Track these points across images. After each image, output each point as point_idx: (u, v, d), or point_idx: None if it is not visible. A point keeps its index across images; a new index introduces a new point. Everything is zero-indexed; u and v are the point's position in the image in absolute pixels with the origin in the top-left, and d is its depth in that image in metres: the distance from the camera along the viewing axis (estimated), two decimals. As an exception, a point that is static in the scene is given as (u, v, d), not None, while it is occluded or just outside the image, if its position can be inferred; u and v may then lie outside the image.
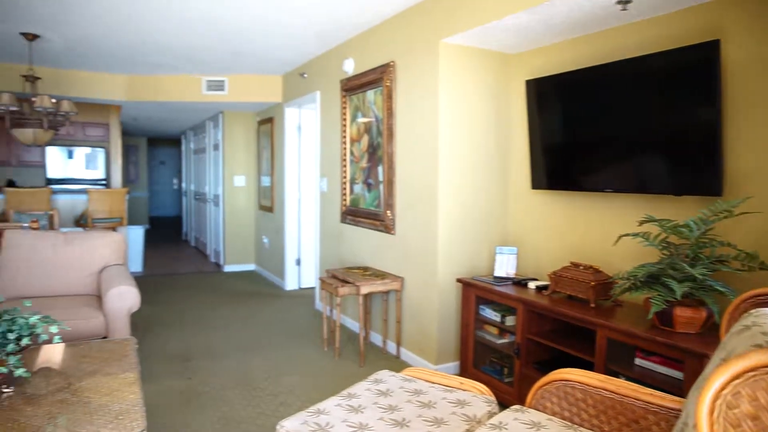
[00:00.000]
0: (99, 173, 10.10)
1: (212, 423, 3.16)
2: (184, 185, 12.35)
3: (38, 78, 5.34)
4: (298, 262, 6.93)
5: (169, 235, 12.66)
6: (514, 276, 3.69)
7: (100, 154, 10.11)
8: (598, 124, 3.19)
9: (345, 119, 5.13)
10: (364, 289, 4.04)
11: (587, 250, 3.48)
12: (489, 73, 3.98)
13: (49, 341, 2.11)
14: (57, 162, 9.79)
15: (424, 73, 3.97)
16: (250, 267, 8.37)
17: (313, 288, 6.74)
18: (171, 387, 3.66)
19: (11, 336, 1.95)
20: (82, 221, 6.95)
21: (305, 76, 6.14)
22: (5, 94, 4.82)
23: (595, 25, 3.27)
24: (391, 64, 4.32)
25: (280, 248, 7.10)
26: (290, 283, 6.93)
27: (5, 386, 2.07)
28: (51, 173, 9.75)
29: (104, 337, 3.47)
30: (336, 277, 4.37)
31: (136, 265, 7.90)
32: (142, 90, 7.14)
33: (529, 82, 3.67)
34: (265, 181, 7.69)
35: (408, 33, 4.15)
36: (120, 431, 1.82)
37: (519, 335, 3.26)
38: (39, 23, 4.81)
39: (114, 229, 6.96)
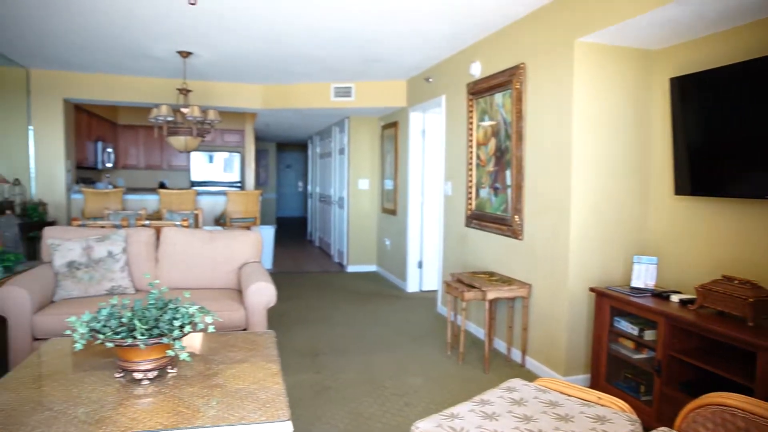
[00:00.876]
0: (235, 176, 10.90)
1: (341, 417, 3.28)
2: (309, 188, 12.95)
3: (190, 90, 5.88)
4: (420, 265, 6.99)
5: (294, 235, 13.33)
6: (653, 287, 3.45)
7: (236, 158, 10.90)
8: (753, 124, 2.89)
9: (471, 123, 5.10)
10: (491, 295, 3.99)
11: (741, 263, 3.16)
12: (628, 72, 3.76)
13: (205, 330, 2.31)
14: (199, 166, 10.71)
15: (557, 74, 3.84)
16: (372, 268, 8.58)
17: (434, 291, 6.77)
18: (302, 380, 3.85)
19: (176, 323, 2.16)
20: (221, 220, 7.53)
21: (430, 80, 6.19)
22: (164, 106, 5.36)
23: (752, 14, 2.97)
24: (521, 65, 4.23)
25: (402, 250, 7.20)
26: (411, 285, 7.01)
27: (170, 367, 2.29)
28: (194, 176, 10.69)
29: (244, 329, 3.73)
30: (461, 282, 4.35)
31: (267, 262, 8.41)
32: (276, 98, 7.60)
33: (674, 80, 3.42)
34: (388, 184, 7.85)
35: (540, 33, 4.04)
36: (267, 418, 1.94)
37: (660, 351, 3.04)
38: (193, 42, 5.29)
39: (248, 228, 7.46)
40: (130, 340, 2.06)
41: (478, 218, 4.98)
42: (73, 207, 7.25)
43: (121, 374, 2.24)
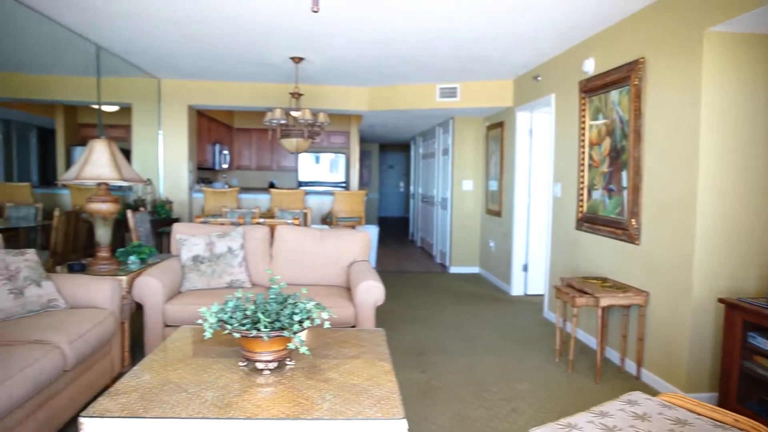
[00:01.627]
0: (340, 176, 11.22)
1: (447, 418, 3.27)
2: (411, 188, 13.05)
3: (302, 94, 6.14)
4: (525, 268, 6.82)
5: (396, 234, 13.49)
6: (794, 300, 3.13)
7: (341, 159, 11.22)
8: None
9: (583, 122, 4.90)
10: (604, 302, 3.81)
11: None
12: (765, 62, 3.44)
13: (321, 325, 2.40)
14: (307, 166, 11.14)
15: (682, 67, 3.59)
16: (475, 270, 8.49)
17: (541, 295, 6.58)
18: (408, 379, 3.89)
19: (296, 318, 2.26)
20: (328, 219, 7.79)
21: (539, 79, 6.02)
22: (278, 110, 5.64)
23: None
24: (641, 60, 4.00)
25: (507, 253, 7.06)
26: (516, 289, 6.86)
27: (288, 359, 2.41)
28: (302, 176, 11.13)
29: (353, 326, 3.83)
30: (572, 287, 4.20)
31: (371, 261, 8.58)
32: (381, 100, 7.73)
33: (823, 72, 3.08)
34: (493, 185, 7.73)
35: (662, 25, 3.80)
36: (383, 415, 1.99)
37: (803, 371, 2.76)
38: (306, 48, 5.52)
39: (353, 227, 7.66)
40: (254, 332, 2.18)
41: (590, 221, 4.78)
42: (194, 205, 7.81)
43: (245, 363, 2.38)
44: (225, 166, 10.14)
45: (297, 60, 5.86)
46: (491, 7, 4.12)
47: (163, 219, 6.71)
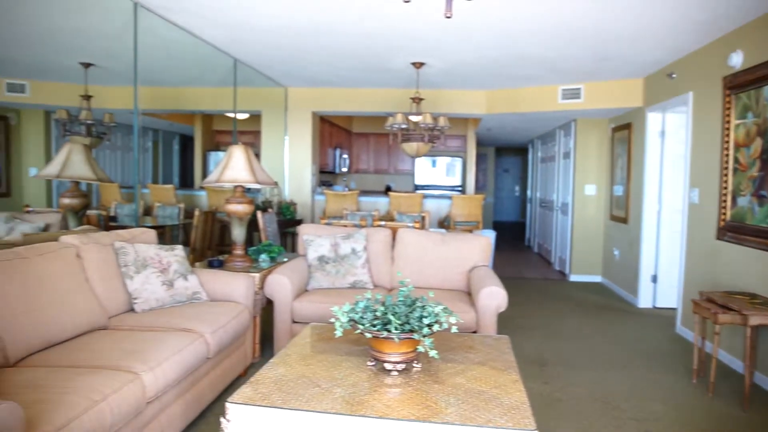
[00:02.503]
0: (456, 180, 11.19)
1: (574, 434, 3.14)
2: (528, 192, 12.70)
3: (422, 99, 6.20)
4: (654, 279, 6.38)
5: (511, 240, 13.18)
6: None
7: (458, 162, 11.18)
8: None
9: (728, 122, 4.49)
10: (754, 320, 3.46)
11: None
12: None
13: (448, 330, 2.41)
14: (423, 170, 11.22)
15: None
16: (596, 278, 8.08)
17: (672, 309, 6.11)
18: (529, 389, 3.74)
19: (425, 321, 2.28)
20: (445, 223, 7.79)
21: (674, 76, 5.60)
22: (399, 115, 5.75)
23: None
24: (802, 53, 3.59)
25: (634, 262, 6.65)
26: (643, 301, 6.43)
27: (416, 362, 2.44)
28: (418, 180, 11.23)
29: (474, 332, 3.79)
30: (713, 302, 3.85)
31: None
32: (500, 103, 7.60)
33: None
34: (619, 190, 7.31)
35: (831, 13, 3.39)
36: (514, 425, 1.95)
37: None
38: (427, 54, 5.57)
39: (470, 231, 7.59)
40: (385, 333, 2.23)
41: (735, 230, 4.36)
42: (315, 207, 8.16)
43: (373, 363, 2.44)
44: (344, 169, 10.50)
45: (418, 65, 5.93)
46: (623, 3, 3.91)
47: (287, 220, 7.08)
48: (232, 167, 3.93)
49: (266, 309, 4.20)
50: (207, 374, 3.18)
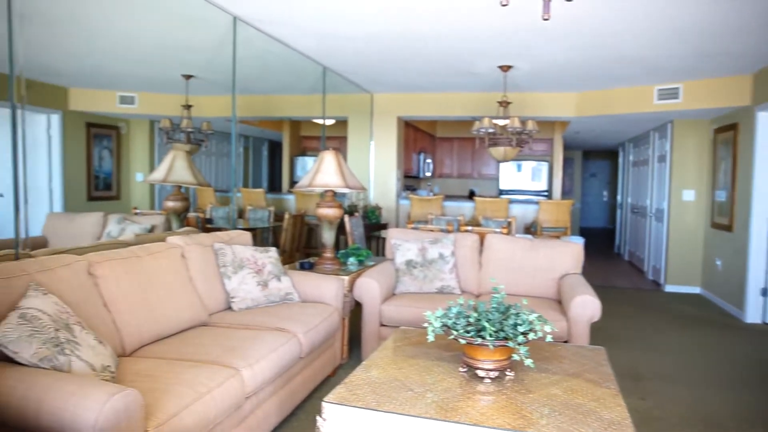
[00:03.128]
0: (542, 185, 10.91)
1: (675, 454, 2.97)
2: (618, 197, 12.16)
3: (510, 102, 6.10)
4: (764, 293, 5.91)
5: (600, 247, 12.65)
6: None
7: (544, 167, 10.90)
8: None
9: None
10: None
11: None
12: None
13: (543, 338, 2.35)
14: (508, 175, 11.02)
15: None
16: (695, 290, 7.59)
17: (784, 325, 5.65)
18: (626, 404, 3.61)
19: (520, 329, 2.24)
20: (532, 229, 7.61)
21: (789, 73, 5.18)
22: (486, 119, 5.69)
23: None
24: None
25: (740, 273, 6.19)
26: (752, 315, 5.97)
27: (509, 370, 2.40)
28: (503, 185, 11.04)
29: (565, 341, 3.68)
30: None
31: (574, 274, 8.17)
32: (590, 105, 7.34)
33: None
34: (721, 195, 6.85)
35: None
36: (616, 440, 1.87)
37: None
38: (514, 56, 5.48)
39: (558, 237, 7.37)
40: (479, 340, 2.21)
41: None
42: (400, 211, 8.22)
43: (465, 369, 2.43)
44: (428, 174, 10.52)
45: (505, 68, 5.84)
46: (735, -4, 3.66)
47: (373, 224, 7.18)
48: (323, 172, 4.05)
49: (353, 311, 4.28)
50: (299, 373, 3.29)
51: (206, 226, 6.28)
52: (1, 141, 6.79)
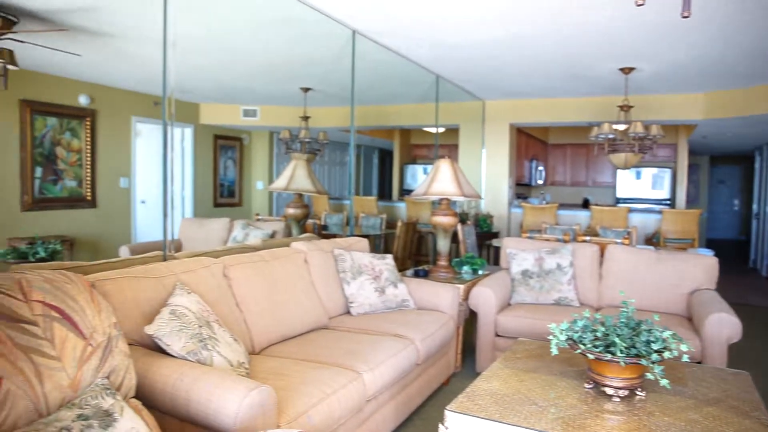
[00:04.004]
0: (663, 193, 10.22)
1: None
2: (754, 206, 11.09)
3: (631, 106, 5.79)
4: None
5: (730, 260, 11.59)
6: None
7: (666, 174, 10.21)
8: None
9: None
10: None
11: None
12: None
13: (678, 358, 2.20)
14: (626, 182, 10.44)
15: None
16: None
17: None
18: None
19: (654, 346, 2.12)
20: (654, 240, 7.15)
21: None
22: (605, 124, 5.44)
23: None
24: None
25: None
26: None
27: (639, 389, 2.27)
28: (620, 193, 10.47)
29: (698, 362, 3.41)
30: None
31: (703, 289, 7.55)
32: (720, 106, 6.77)
33: None
34: None
35: None
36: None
37: None
38: (636, 57, 5.20)
39: (684, 250, 6.86)
40: (609, 356, 2.12)
41: None
42: (512, 220, 8.06)
43: (591, 386, 2.33)
44: (540, 181, 10.23)
45: (627, 71, 5.55)
46: None
47: (484, 232, 7.10)
48: (439, 180, 4.07)
49: (467, 320, 4.26)
50: (415, 380, 3.32)
51: (321, 232, 6.53)
52: (146, 153, 7.49)
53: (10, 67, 3.95)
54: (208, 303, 2.60)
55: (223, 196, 8.86)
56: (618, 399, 2.23)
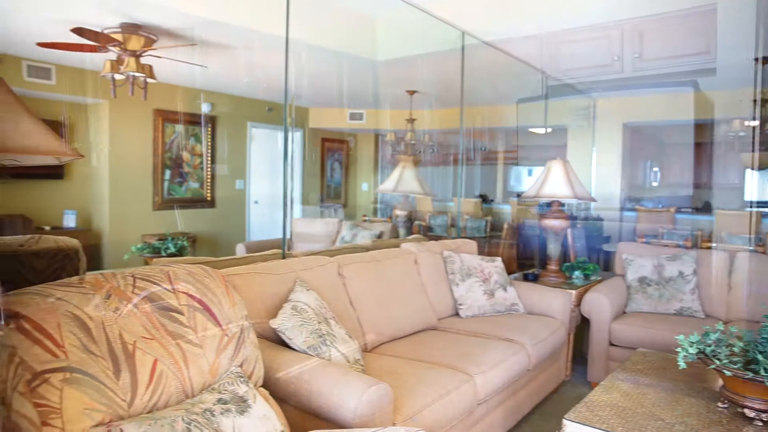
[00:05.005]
0: (800, 196, 9.23)
1: None
2: None
3: (766, 100, 5.30)
4: None
5: None
6: None
7: (807, 174, 9.21)
8: None
9: None
10: None
11: None
12: None
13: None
14: (756, 184, 9.55)
15: None
16: None
17: None
18: None
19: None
20: (790, 248, 6.49)
21: None
22: (736, 121, 5.02)
23: None
24: None
25: None
26: None
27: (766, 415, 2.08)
28: (749, 196, 9.60)
29: None
30: None
31: None
32: None
33: None
34: None
35: None
36: None
37: None
38: (774, 46, 4.76)
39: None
40: (751, 374, 1.96)
41: None
42: (624, 224, 7.65)
43: (726, 405, 2.17)
44: (655, 183, 9.62)
45: (765, 61, 5.07)
46: None
47: (594, 236, 6.80)
48: (551, 182, 3.96)
49: (577, 328, 4.10)
50: (524, 386, 3.25)
51: (427, 233, 6.56)
52: (259, 156, 7.92)
53: (149, 80, 4.34)
54: (325, 300, 2.70)
55: (330, 197, 9.16)
56: (761, 423, 2.06)
